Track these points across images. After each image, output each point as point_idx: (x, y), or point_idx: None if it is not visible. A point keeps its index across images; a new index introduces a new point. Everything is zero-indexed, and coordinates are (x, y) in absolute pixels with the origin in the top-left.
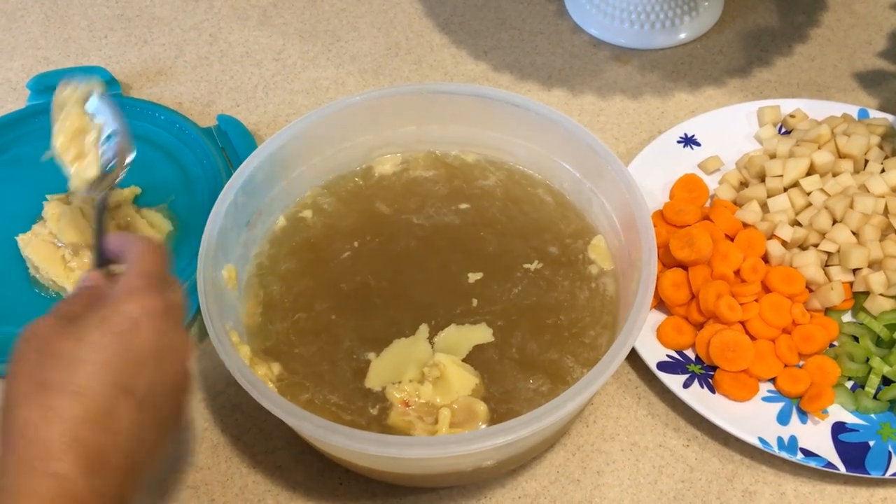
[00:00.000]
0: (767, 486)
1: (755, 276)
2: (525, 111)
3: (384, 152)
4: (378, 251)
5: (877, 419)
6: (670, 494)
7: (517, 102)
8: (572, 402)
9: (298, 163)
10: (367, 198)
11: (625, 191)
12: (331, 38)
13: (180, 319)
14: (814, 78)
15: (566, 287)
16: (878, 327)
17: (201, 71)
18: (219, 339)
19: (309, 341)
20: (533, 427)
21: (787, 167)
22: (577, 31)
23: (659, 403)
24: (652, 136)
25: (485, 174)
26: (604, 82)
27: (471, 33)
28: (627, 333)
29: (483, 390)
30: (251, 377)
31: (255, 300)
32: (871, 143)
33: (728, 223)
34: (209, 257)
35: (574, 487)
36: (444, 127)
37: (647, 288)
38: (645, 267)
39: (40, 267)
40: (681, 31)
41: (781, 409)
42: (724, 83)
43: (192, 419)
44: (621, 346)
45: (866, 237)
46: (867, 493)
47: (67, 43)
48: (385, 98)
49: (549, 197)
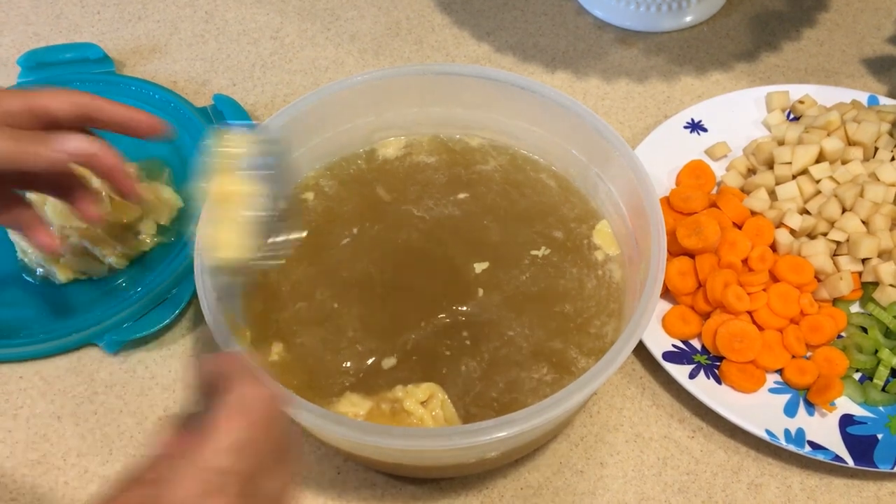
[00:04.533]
0: (773, 478)
1: (763, 266)
2: (531, 94)
3: (387, 135)
4: (380, 238)
5: (885, 412)
6: (675, 486)
7: (523, 85)
8: (579, 394)
9: (297, 145)
10: (370, 182)
11: (633, 177)
12: (330, 17)
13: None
14: (822, 63)
15: (573, 274)
16: (887, 318)
17: (197, 49)
18: (216, 323)
19: (311, 331)
20: (538, 419)
21: (795, 154)
22: (581, 13)
23: (664, 394)
24: (658, 121)
25: (486, 158)
26: (609, 65)
27: (473, 13)
28: (635, 325)
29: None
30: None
31: (254, 286)
32: (881, 130)
33: (735, 211)
34: (206, 241)
35: (577, 478)
36: (448, 109)
37: (655, 278)
38: (654, 256)
39: (28, 251)
40: (687, 14)
41: (788, 401)
42: (731, 67)
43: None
44: (628, 338)
45: (876, 226)
46: (875, 486)
47: (59, 19)
48: (388, 79)
49: (553, 181)
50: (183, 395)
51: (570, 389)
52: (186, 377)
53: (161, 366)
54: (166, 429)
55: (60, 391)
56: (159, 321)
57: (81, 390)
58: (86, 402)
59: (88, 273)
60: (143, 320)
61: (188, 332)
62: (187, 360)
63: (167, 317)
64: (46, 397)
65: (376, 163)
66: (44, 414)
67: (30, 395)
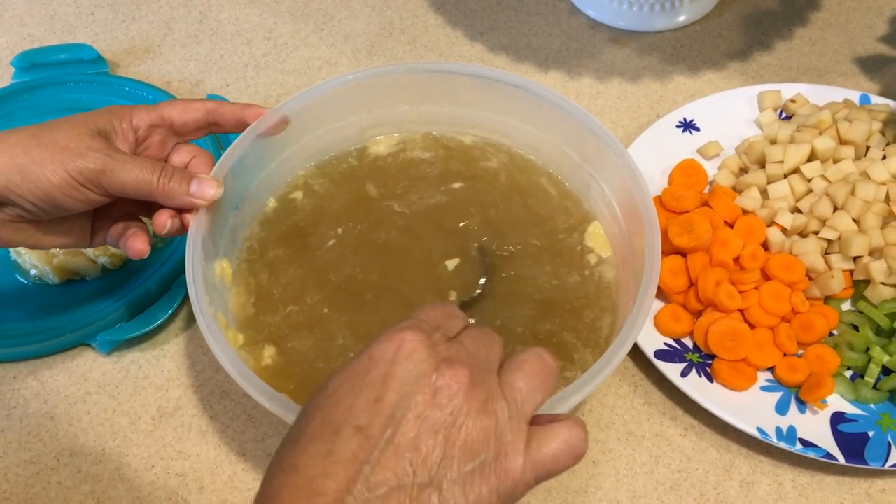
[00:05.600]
0: (765, 476)
1: (755, 264)
2: (523, 92)
3: (378, 132)
4: (366, 237)
5: (876, 409)
6: (667, 484)
7: (515, 83)
8: (575, 396)
9: (289, 143)
10: (360, 179)
11: (627, 177)
12: (323, 17)
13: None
14: (814, 62)
15: (562, 279)
16: (878, 316)
17: (190, 49)
18: (209, 328)
19: (302, 335)
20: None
21: (787, 153)
22: (574, 13)
23: (656, 392)
24: (650, 121)
25: (485, 155)
26: (601, 65)
27: (466, 13)
28: (629, 328)
29: None
30: (242, 368)
31: (245, 289)
32: (872, 129)
33: (727, 209)
34: (197, 243)
35: (569, 476)
36: (440, 107)
37: (650, 279)
38: (648, 257)
39: (22, 251)
40: (680, 14)
41: (780, 399)
42: (723, 67)
43: (180, 406)
44: (620, 344)
45: (867, 225)
46: (866, 483)
47: (53, 20)
48: (380, 77)
49: (545, 180)
50: (176, 395)
51: (564, 394)
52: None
53: (154, 366)
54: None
55: (54, 391)
56: (152, 321)
57: (74, 390)
58: (79, 401)
59: (81, 274)
60: (136, 321)
61: (181, 333)
62: (180, 359)
63: (160, 317)
64: (40, 397)
65: (367, 160)
66: (37, 413)
67: (23, 395)
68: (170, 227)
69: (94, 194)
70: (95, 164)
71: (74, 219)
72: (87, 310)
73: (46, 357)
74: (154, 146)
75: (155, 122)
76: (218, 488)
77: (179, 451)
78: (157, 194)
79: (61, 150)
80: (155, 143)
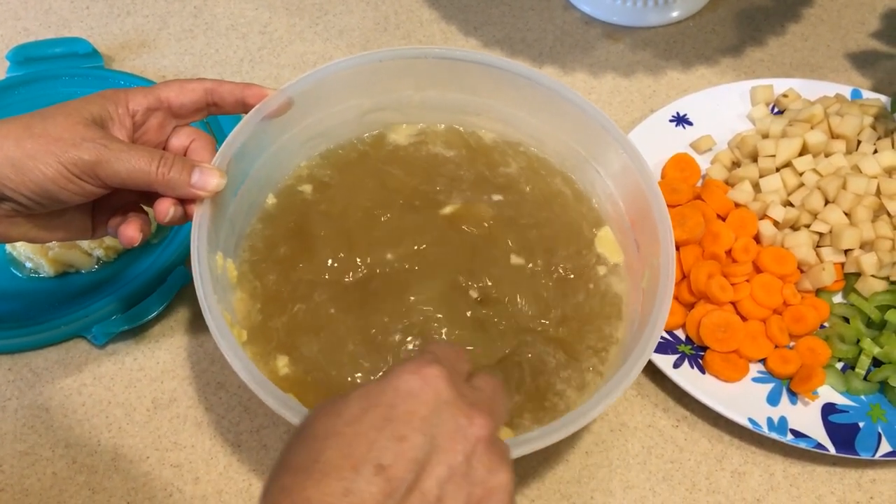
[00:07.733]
0: (757, 466)
1: (747, 257)
2: (531, 83)
3: (379, 117)
4: (383, 237)
5: (867, 400)
6: (659, 475)
7: (522, 73)
8: (593, 411)
9: (290, 126)
10: (373, 171)
11: (632, 166)
12: (318, 12)
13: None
14: (807, 58)
15: (578, 288)
16: (869, 308)
17: (185, 43)
18: (219, 330)
19: (310, 340)
20: (547, 440)
21: (779, 147)
22: (568, 8)
23: (648, 384)
24: (644, 115)
25: (505, 159)
26: (595, 60)
27: (461, 8)
28: (641, 351)
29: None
30: (244, 360)
31: (250, 294)
32: (864, 123)
33: (720, 203)
34: (202, 237)
35: (563, 468)
36: (444, 93)
37: (665, 290)
38: (663, 267)
39: (17, 244)
40: (673, 9)
41: (771, 390)
42: (716, 62)
43: (175, 397)
44: (630, 369)
45: (858, 218)
46: (856, 474)
47: (48, 13)
48: (386, 61)
49: (559, 180)
50: (171, 387)
51: (576, 413)
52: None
53: (149, 357)
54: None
55: (49, 383)
56: (147, 313)
57: (70, 382)
58: (74, 393)
59: (76, 266)
60: (131, 313)
61: (176, 325)
62: (175, 351)
63: (155, 309)
64: (35, 389)
65: (385, 150)
66: (32, 405)
67: (18, 386)
68: (172, 214)
69: (91, 186)
70: (90, 156)
71: (73, 211)
72: (82, 302)
73: (41, 349)
74: (152, 130)
75: (152, 106)
76: (213, 479)
77: (174, 442)
78: (157, 185)
79: (54, 141)
80: (153, 127)
